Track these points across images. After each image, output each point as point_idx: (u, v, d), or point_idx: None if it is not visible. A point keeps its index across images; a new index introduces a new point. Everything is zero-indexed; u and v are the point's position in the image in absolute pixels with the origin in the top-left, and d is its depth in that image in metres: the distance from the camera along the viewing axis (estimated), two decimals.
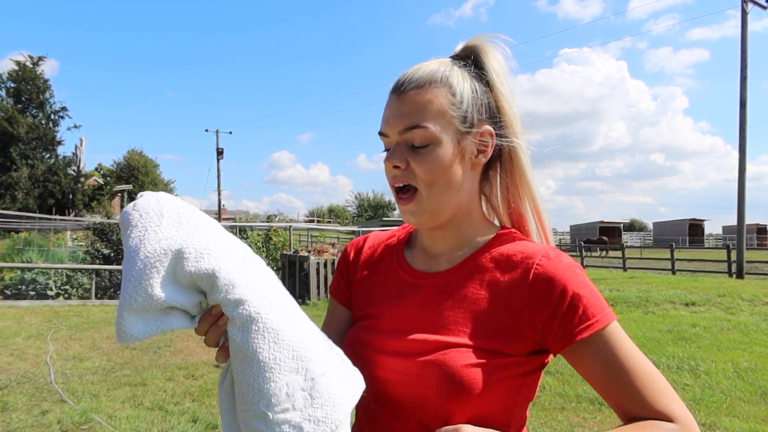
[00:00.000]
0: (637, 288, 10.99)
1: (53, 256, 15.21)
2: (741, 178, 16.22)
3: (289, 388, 0.73)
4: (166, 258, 0.72)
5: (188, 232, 0.75)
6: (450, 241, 0.96)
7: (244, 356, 0.73)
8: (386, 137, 0.92)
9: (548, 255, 0.88)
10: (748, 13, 16.31)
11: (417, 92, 0.88)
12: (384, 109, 0.93)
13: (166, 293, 0.71)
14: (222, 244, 0.77)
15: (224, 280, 0.73)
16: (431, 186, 0.88)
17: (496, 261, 0.91)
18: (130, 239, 0.73)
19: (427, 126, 0.87)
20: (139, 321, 0.71)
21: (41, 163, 39.76)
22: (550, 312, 0.83)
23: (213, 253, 0.74)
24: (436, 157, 0.88)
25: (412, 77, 0.90)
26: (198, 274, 0.72)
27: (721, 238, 55.35)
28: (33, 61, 41.20)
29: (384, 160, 0.92)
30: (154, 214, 0.75)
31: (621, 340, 0.83)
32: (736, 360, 5.78)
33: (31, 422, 4.30)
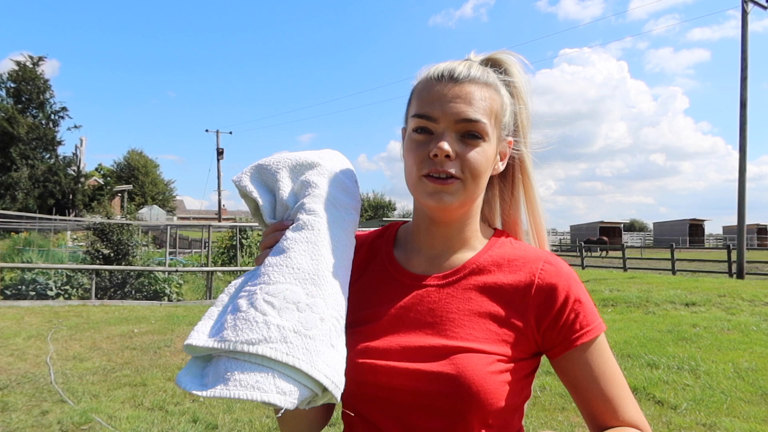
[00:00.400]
0: (638, 288, 10.99)
1: (53, 256, 15.20)
2: (741, 179, 16.21)
3: (288, 295, 0.76)
4: (308, 162, 0.93)
5: (341, 172, 0.97)
6: (451, 241, 0.95)
7: (280, 249, 0.82)
8: (431, 121, 0.87)
9: (550, 261, 0.91)
10: (748, 13, 16.30)
11: (477, 87, 0.88)
12: (426, 93, 0.89)
13: (282, 176, 0.91)
14: (332, 182, 0.94)
15: (315, 194, 0.88)
16: (474, 180, 0.88)
17: (498, 264, 0.92)
18: (311, 151, 0.98)
19: (486, 122, 0.87)
20: (255, 177, 0.92)
21: (41, 163, 39.77)
22: (554, 317, 0.86)
23: (333, 180, 0.93)
24: (484, 152, 0.88)
25: (469, 72, 0.89)
26: (309, 182, 0.90)
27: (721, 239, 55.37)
28: (33, 61, 41.20)
29: (425, 144, 0.87)
30: (336, 154, 1.01)
31: (607, 350, 0.89)
32: (737, 360, 5.78)
33: (32, 422, 4.30)
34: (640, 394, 4.83)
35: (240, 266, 15.48)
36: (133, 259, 14.02)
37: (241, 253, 16.52)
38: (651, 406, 4.56)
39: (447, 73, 0.88)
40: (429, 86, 0.89)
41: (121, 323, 8.66)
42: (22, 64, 40.62)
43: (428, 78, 0.90)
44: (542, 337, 0.87)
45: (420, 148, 0.87)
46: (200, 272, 14.86)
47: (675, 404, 4.56)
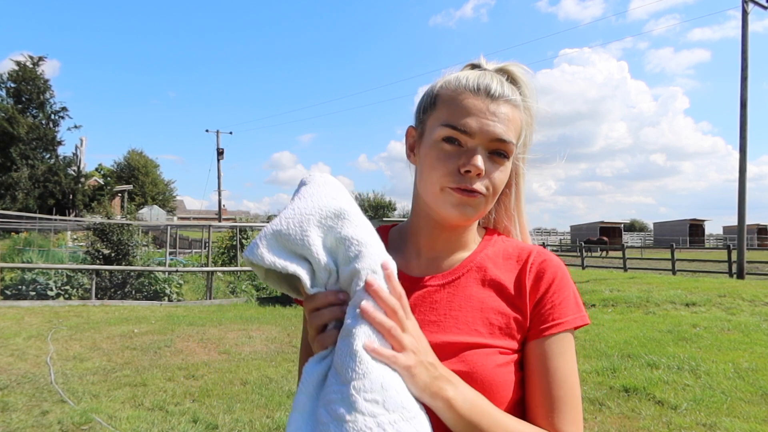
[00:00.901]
0: (638, 288, 10.99)
1: (53, 256, 15.20)
2: (741, 179, 16.20)
3: (386, 382, 0.71)
4: (330, 212, 0.78)
5: (354, 204, 0.83)
6: (451, 244, 0.96)
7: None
8: (465, 135, 0.86)
9: (542, 251, 0.95)
10: (748, 13, 16.30)
11: (510, 107, 0.90)
12: (463, 104, 0.88)
13: (313, 239, 0.76)
14: (375, 233, 0.83)
15: (364, 254, 0.76)
16: (494, 196, 0.90)
17: (495, 260, 0.95)
18: (308, 187, 0.83)
19: (513, 143, 0.89)
20: (276, 247, 0.76)
21: (41, 163, 39.78)
22: (539, 299, 0.89)
23: (367, 228, 0.81)
24: (505, 172, 0.90)
25: (503, 89, 0.89)
26: (349, 237, 0.77)
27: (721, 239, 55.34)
28: (33, 61, 41.23)
29: (455, 158, 0.86)
30: (332, 182, 0.86)
31: (570, 350, 0.89)
32: (737, 360, 5.77)
33: (32, 422, 4.30)
34: (641, 394, 4.83)
35: (240, 266, 15.48)
36: (134, 259, 14.01)
37: (241, 253, 16.50)
38: (651, 406, 4.56)
39: (483, 87, 0.88)
40: (463, 97, 0.88)
41: (121, 323, 8.66)
42: (22, 64, 40.64)
43: (461, 88, 0.89)
44: (530, 320, 0.89)
45: (449, 160, 0.87)
46: (200, 272, 14.86)
47: (675, 404, 4.56)
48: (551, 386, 0.85)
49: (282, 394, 5.05)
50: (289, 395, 5.01)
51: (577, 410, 0.86)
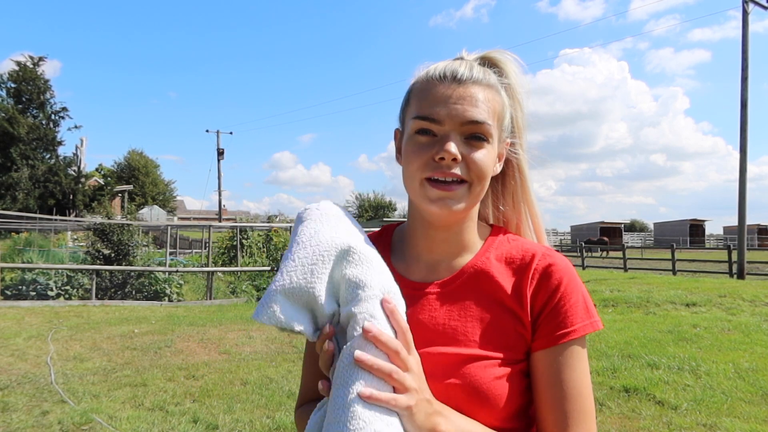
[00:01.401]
0: (638, 288, 10.98)
1: (54, 256, 15.21)
2: (742, 179, 16.20)
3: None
4: (332, 255, 0.77)
5: (359, 239, 0.81)
6: (451, 246, 0.93)
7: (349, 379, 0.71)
8: (435, 123, 0.84)
9: (548, 253, 0.90)
10: (749, 13, 16.29)
11: (481, 88, 0.86)
12: (429, 94, 0.86)
13: (318, 289, 0.75)
14: (380, 264, 0.81)
15: (367, 296, 0.75)
16: (479, 183, 0.86)
17: (497, 266, 0.90)
18: (306, 227, 0.81)
19: (490, 124, 0.85)
20: (283, 304, 0.75)
21: (42, 163, 39.81)
22: (544, 304, 0.85)
23: (369, 263, 0.78)
24: (488, 155, 0.86)
25: (471, 72, 0.86)
26: (348, 278, 0.76)
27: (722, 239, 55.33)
28: (33, 61, 41.25)
29: (428, 147, 0.84)
30: (333, 215, 0.84)
31: (584, 359, 0.85)
32: (737, 360, 5.77)
33: (32, 423, 4.30)
34: (641, 394, 4.82)
35: (240, 266, 15.48)
36: (134, 259, 14.02)
37: (241, 254, 16.51)
38: (651, 407, 4.56)
39: (449, 73, 0.86)
40: (430, 86, 0.87)
41: (121, 323, 8.66)
42: (22, 64, 40.67)
43: (428, 78, 0.88)
44: (534, 327, 0.85)
45: (423, 151, 0.84)
46: (201, 272, 14.86)
47: (675, 404, 4.56)
48: (562, 400, 0.82)
49: (282, 395, 5.05)
50: (289, 395, 5.01)
51: (590, 424, 0.83)
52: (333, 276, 0.77)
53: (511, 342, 0.85)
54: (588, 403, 0.84)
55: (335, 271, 0.77)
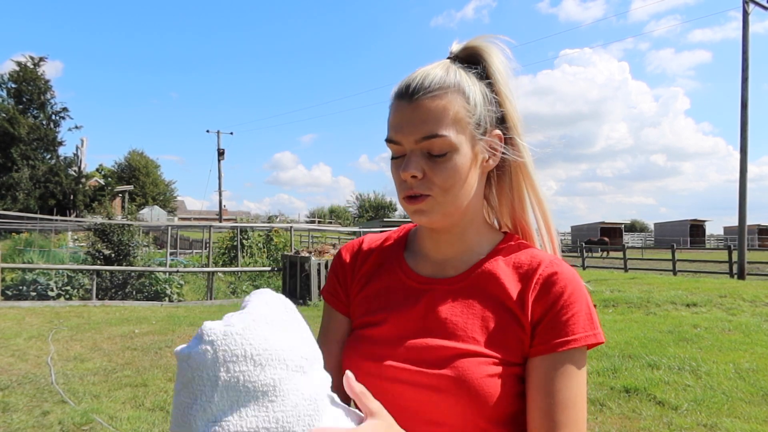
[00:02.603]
0: (639, 289, 10.99)
1: (54, 256, 15.23)
2: (742, 179, 16.19)
3: None
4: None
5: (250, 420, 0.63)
6: (455, 247, 0.94)
7: None
8: (398, 145, 0.87)
9: (555, 262, 0.89)
10: (749, 13, 16.29)
11: (431, 99, 0.85)
12: (391, 115, 0.89)
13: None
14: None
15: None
16: (446, 193, 0.86)
17: (504, 270, 0.91)
18: (180, 401, 0.65)
19: (445, 134, 0.84)
20: None
21: (42, 163, 39.85)
22: (545, 311, 0.84)
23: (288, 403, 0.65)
24: (455, 164, 0.86)
25: (422, 83, 0.86)
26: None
27: (722, 239, 55.29)
28: (34, 61, 41.29)
29: (399, 170, 0.87)
30: (208, 380, 0.64)
31: (582, 370, 0.84)
32: (738, 361, 5.77)
33: (32, 423, 4.30)
34: (641, 394, 4.82)
35: (241, 267, 15.49)
36: (134, 259, 14.04)
37: (241, 254, 16.52)
38: (652, 407, 4.56)
39: (404, 91, 0.87)
40: (393, 107, 0.89)
41: (121, 324, 8.66)
42: (23, 64, 40.70)
43: (393, 96, 0.90)
44: (532, 334, 0.85)
45: (396, 173, 0.89)
46: (201, 273, 14.86)
47: (676, 405, 4.56)
48: (554, 408, 0.81)
49: None
50: None
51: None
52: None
53: (510, 344, 0.85)
54: (581, 415, 0.82)
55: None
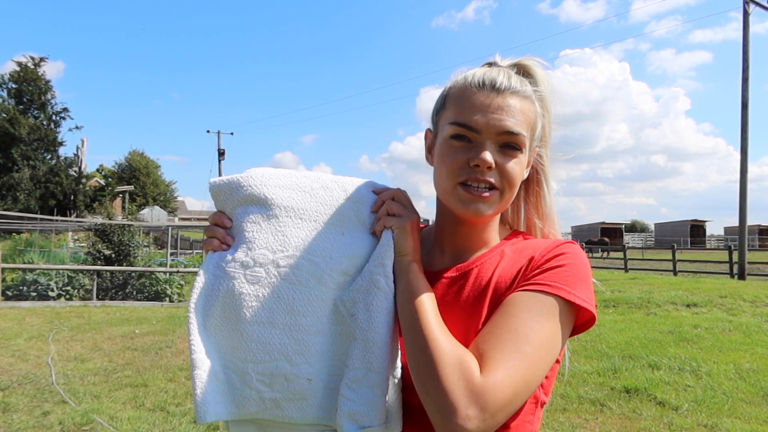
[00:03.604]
0: (639, 289, 10.98)
1: (55, 257, 15.22)
2: (743, 179, 16.19)
3: (276, 371, 0.81)
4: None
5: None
6: (471, 240, 0.98)
7: (250, 315, 0.83)
8: (473, 131, 0.88)
9: (559, 241, 0.93)
10: (750, 14, 16.29)
11: (518, 99, 0.89)
12: (467, 100, 0.89)
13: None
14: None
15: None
16: (510, 190, 0.90)
17: (508, 254, 0.94)
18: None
19: (525, 135, 0.89)
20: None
21: (43, 164, 39.84)
22: (536, 266, 0.87)
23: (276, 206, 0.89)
24: (520, 164, 0.90)
25: (508, 81, 0.89)
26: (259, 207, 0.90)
27: (722, 239, 55.25)
28: (35, 62, 41.28)
29: (463, 152, 0.88)
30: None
31: (541, 313, 0.79)
32: (738, 361, 5.77)
33: (33, 423, 4.30)
34: (642, 395, 4.82)
35: None
36: (135, 259, 14.02)
37: None
38: (652, 407, 4.56)
39: (488, 81, 0.89)
40: (469, 94, 0.89)
41: (122, 324, 8.66)
42: (23, 65, 40.69)
43: (467, 85, 0.91)
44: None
45: (458, 155, 0.88)
46: None
47: (676, 405, 4.56)
48: (494, 326, 0.79)
49: None
50: None
51: (514, 359, 0.74)
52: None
53: None
54: (527, 344, 0.76)
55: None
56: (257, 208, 0.88)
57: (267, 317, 0.81)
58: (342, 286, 0.86)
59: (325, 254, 0.86)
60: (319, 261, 0.85)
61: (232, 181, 0.88)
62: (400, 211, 0.88)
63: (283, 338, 0.82)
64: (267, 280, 0.83)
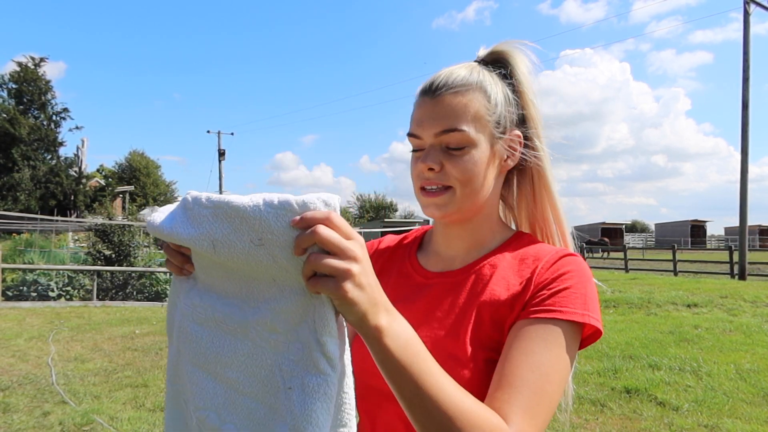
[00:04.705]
0: (639, 289, 10.98)
1: (55, 257, 15.23)
2: (743, 180, 16.19)
3: (209, 419, 0.73)
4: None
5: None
6: (466, 242, 0.97)
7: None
8: (418, 139, 0.91)
9: (562, 251, 0.90)
10: (750, 14, 16.29)
11: (453, 96, 0.89)
12: (415, 110, 0.93)
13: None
14: None
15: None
16: (465, 185, 0.89)
17: (509, 262, 0.91)
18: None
19: (464, 129, 0.88)
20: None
21: (43, 164, 39.87)
22: (540, 287, 0.84)
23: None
24: (471, 158, 0.89)
25: (446, 80, 0.90)
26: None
27: (723, 240, 55.25)
28: (35, 62, 41.30)
29: (418, 162, 0.91)
30: None
31: (556, 344, 0.78)
32: (739, 361, 5.77)
33: (33, 423, 4.30)
34: (642, 395, 4.82)
35: None
36: (135, 260, 14.02)
37: None
38: (653, 408, 4.56)
39: (428, 88, 0.91)
40: (417, 103, 0.93)
41: (122, 324, 8.66)
42: (23, 65, 40.72)
43: (418, 93, 0.94)
44: (524, 306, 0.83)
45: (415, 165, 0.92)
46: None
47: (677, 405, 4.56)
48: (514, 366, 0.76)
49: None
50: None
51: (539, 404, 0.73)
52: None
53: (485, 341, 0.84)
54: (548, 384, 0.75)
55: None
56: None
57: (203, 361, 0.74)
58: (276, 348, 0.68)
59: (253, 303, 0.70)
60: (247, 311, 0.70)
61: (157, 230, 0.71)
62: (332, 266, 0.58)
63: (216, 388, 0.72)
64: (207, 323, 0.74)
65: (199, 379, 0.73)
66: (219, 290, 0.73)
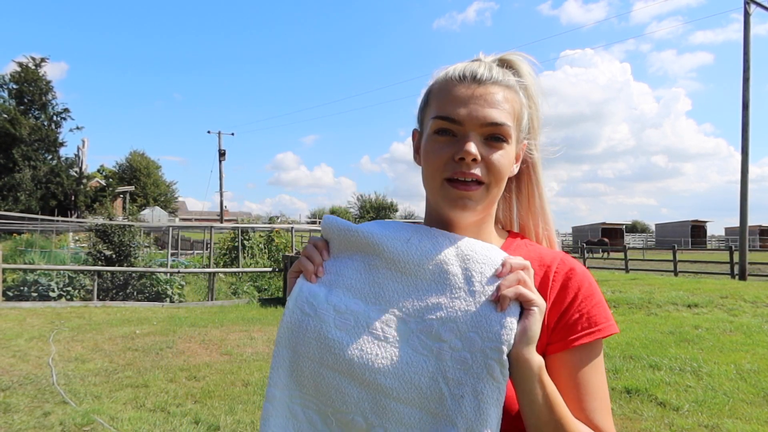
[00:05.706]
0: (640, 289, 10.97)
1: (55, 257, 15.23)
2: (744, 180, 16.17)
3: (354, 423, 0.77)
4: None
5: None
6: None
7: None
8: (457, 124, 0.84)
9: (566, 259, 0.90)
10: (750, 14, 16.28)
11: (500, 89, 0.86)
12: (450, 93, 0.87)
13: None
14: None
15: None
16: (497, 184, 0.86)
17: None
18: None
19: (510, 125, 0.86)
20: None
21: (43, 164, 39.82)
22: (565, 309, 0.85)
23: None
24: (506, 156, 0.86)
25: (489, 72, 0.87)
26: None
27: (723, 240, 55.19)
28: (35, 62, 41.28)
29: (447, 147, 0.85)
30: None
31: (600, 359, 0.87)
32: (739, 362, 5.76)
33: (33, 424, 4.31)
34: (642, 395, 4.82)
35: (242, 267, 15.49)
36: (135, 260, 14.03)
37: (242, 255, 16.51)
38: (653, 408, 4.56)
39: (469, 73, 0.86)
40: (450, 87, 0.87)
41: (123, 324, 8.67)
42: (24, 65, 40.69)
43: (448, 79, 0.88)
44: (550, 334, 0.85)
45: (442, 151, 0.85)
46: (202, 273, 14.85)
47: (677, 406, 4.55)
48: (586, 398, 0.82)
49: None
50: None
51: (608, 415, 0.85)
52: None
53: None
54: (608, 400, 0.86)
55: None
56: (362, 256, 0.83)
57: (347, 368, 0.76)
58: (439, 356, 0.75)
59: (417, 314, 0.78)
60: (410, 321, 0.78)
61: (349, 227, 0.84)
62: (533, 291, 0.77)
63: (361, 394, 0.75)
64: (354, 330, 0.77)
65: (341, 384, 0.76)
66: (373, 302, 0.79)
